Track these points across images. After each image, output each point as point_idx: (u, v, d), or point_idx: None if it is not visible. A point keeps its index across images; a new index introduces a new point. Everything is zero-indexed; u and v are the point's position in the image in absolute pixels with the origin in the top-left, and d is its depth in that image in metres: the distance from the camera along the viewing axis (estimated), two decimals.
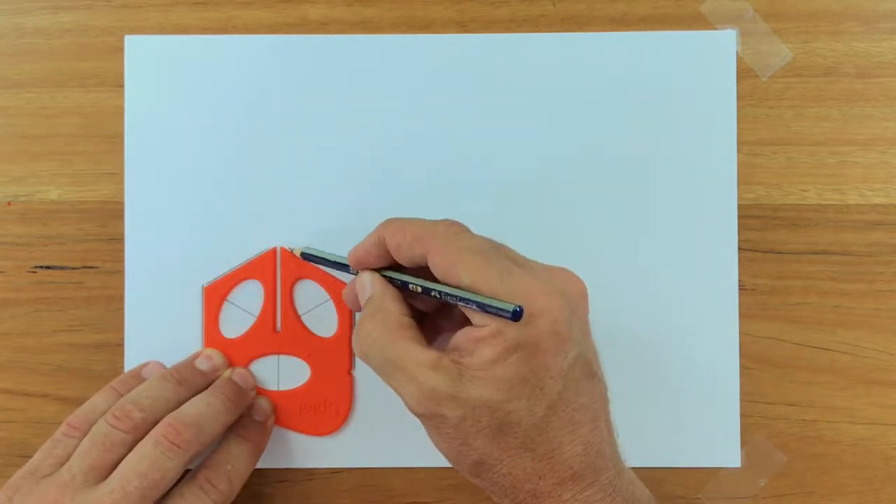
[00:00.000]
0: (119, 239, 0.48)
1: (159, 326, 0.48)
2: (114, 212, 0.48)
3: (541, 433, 0.38)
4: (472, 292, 0.38)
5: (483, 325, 0.38)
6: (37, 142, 0.48)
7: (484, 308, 0.37)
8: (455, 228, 0.40)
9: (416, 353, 0.39)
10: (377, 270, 0.43)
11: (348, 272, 0.44)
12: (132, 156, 0.48)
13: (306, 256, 0.46)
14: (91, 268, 0.48)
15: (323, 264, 0.46)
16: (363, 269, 0.43)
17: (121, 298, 0.48)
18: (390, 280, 0.42)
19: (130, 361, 0.48)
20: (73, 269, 0.48)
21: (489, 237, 0.41)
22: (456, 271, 0.39)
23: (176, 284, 0.48)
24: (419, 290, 0.41)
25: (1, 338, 0.48)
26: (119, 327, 0.48)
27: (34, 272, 0.48)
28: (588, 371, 0.39)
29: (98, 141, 0.48)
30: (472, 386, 0.38)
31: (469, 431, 0.38)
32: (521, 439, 0.38)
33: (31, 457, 0.42)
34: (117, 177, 0.48)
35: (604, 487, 0.39)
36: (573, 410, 0.38)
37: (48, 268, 0.48)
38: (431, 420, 0.39)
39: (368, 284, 0.42)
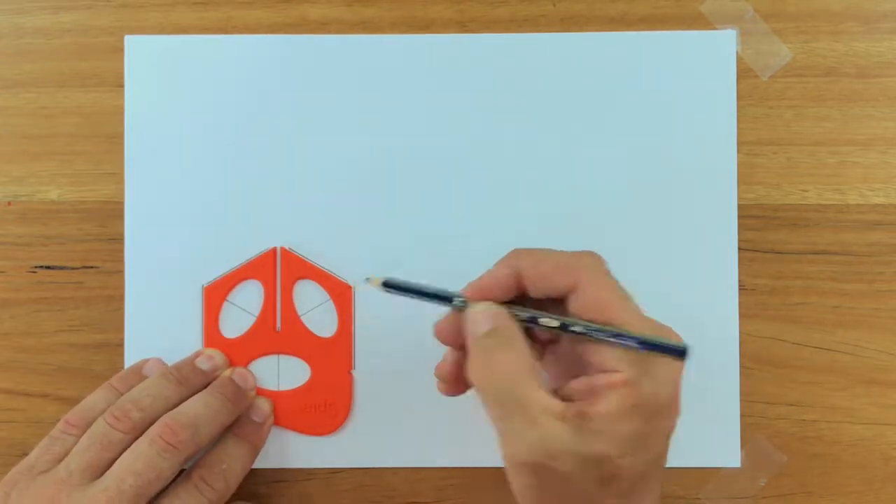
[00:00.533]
0: (119, 239, 0.48)
1: (159, 326, 0.48)
2: (114, 212, 0.48)
3: (633, 488, 0.37)
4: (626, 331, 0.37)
5: (613, 370, 0.37)
6: (37, 142, 0.48)
7: (649, 346, 0.36)
8: (601, 261, 0.39)
9: (544, 400, 0.36)
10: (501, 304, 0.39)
11: (441, 303, 0.40)
12: (132, 156, 0.48)
13: (389, 287, 0.41)
14: (91, 268, 0.48)
15: (409, 295, 0.40)
16: (479, 301, 0.39)
17: (121, 298, 0.48)
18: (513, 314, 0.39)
19: (130, 361, 0.48)
20: (73, 269, 0.48)
21: None
22: (612, 307, 0.37)
23: (176, 284, 0.48)
24: (553, 325, 0.38)
25: (1, 338, 0.48)
26: (119, 327, 0.48)
27: (34, 272, 0.48)
28: (669, 443, 0.39)
29: (98, 141, 0.48)
30: (592, 440, 0.36)
31: (573, 486, 0.37)
32: (620, 492, 0.37)
33: None
34: (117, 177, 0.48)
35: None
36: (660, 469, 0.38)
37: (48, 268, 0.48)
38: (536, 470, 0.37)
39: (491, 317, 0.38)
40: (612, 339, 0.37)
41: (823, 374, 0.48)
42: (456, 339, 0.40)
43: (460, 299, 0.39)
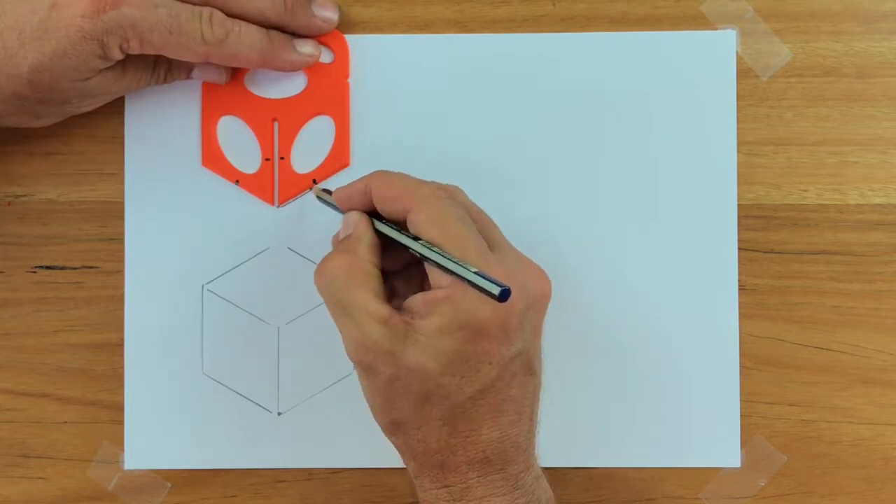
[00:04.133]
0: (119, 239, 0.48)
1: (159, 326, 0.48)
2: (114, 212, 0.48)
3: (464, 412, 0.39)
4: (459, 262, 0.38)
5: (441, 286, 0.39)
6: (37, 142, 0.48)
7: (470, 282, 0.37)
8: (441, 193, 0.40)
9: (369, 303, 0.39)
10: (370, 215, 0.42)
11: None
12: (132, 156, 0.48)
13: (320, 198, 0.46)
14: (91, 268, 0.48)
15: (329, 205, 0.45)
16: (351, 210, 0.43)
17: (121, 298, 0.48)
18: (377, 230, 0.42)
19: (130, 361, 0.48)
20: (73, 269, 0.48)
21: (474, 205, 0.42)
22: (437, 237, 0.39)
23: (176, 284, 0.48)
24: (402, 241, 0.40)
25: (1, 338, 0.48)
26: (119, 327, 0.48)
27: (34, 272, 0.48)
28: (527, 367, 0.40)
29: (98, 141, 0.48)
30: (412, 349, 0.38)
31: (397, 391, 0.39)
32: (444, 413, 0.39)
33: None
34: (117, 177, 0.48)
35: (509, 477, 0.40)
36: (501, 400, 0.39)
37: (48, 268, 0.48)
38: (364, 370, 0.40)
39: (353, 224, 0.42)
40: (443, 266, 0.38)
41: (823, 374, 0.48)
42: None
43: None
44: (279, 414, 0.48)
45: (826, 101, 0.48)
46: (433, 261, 0.38)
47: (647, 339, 0.47)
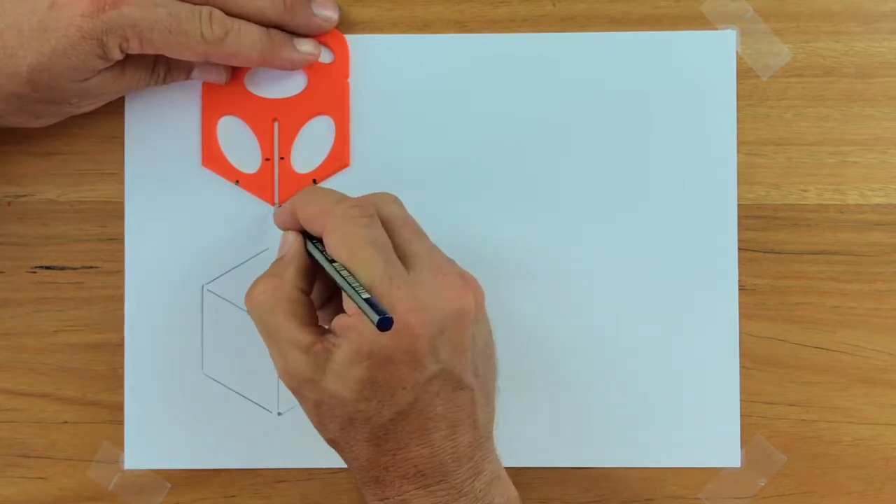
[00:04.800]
0: (119, 239, 0.48)
1: (159, 326, 0.48)
2: (114, 212, 0.48)
3: (387, 433, 0.39)
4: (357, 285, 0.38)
5: (349, 312, 0.39)
6: (37, 142, 0.48)
7: (358, 305, 0.37)
8: (355, 212, 0.40)
9: (292, 331, 0.39)
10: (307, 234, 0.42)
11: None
12: (132, 156, 0.48)
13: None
14: (91, 268, 0.48)
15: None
16: (289, 230, 0.43)
17: (121, 298, 0.48)
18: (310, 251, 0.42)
19: (130, 361, 0.48)
20: (73, 269, 0.48)
21: (404, 217, 0.41)
22: (345, 260, 0.39)
23: (176, 284, 0.48)
24: (324, 267, 0.40)
25: (1, 338, 0.48)
26: (119, 327, 0.48)
27: (34, 272, 0.48)
28: (452, 384, 0.40)
29: (98, 141, 0.48)
30: (330, 377, 0.39)
31: (324, 415, 0.40)
32: (368, 435, 0.39)
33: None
34: (117, 177, 0.48)
35: (451, 487, 0.40)
36: (426, 419, 0.39)
37: (48, 268, 0.48)
38: (294, 395, 0.41)
39: (286, 246, 0.43)
40: (343, 289, 0.38)
41: (823, 374, 0.48)
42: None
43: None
44: (279, 414, 0.48)
45: (826, 101, 0.48)
46: (339, 285, 0.39)
47: (647, 338, 0.47)
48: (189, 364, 0.48)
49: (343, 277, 0.38)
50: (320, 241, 0.42)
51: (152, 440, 0.48)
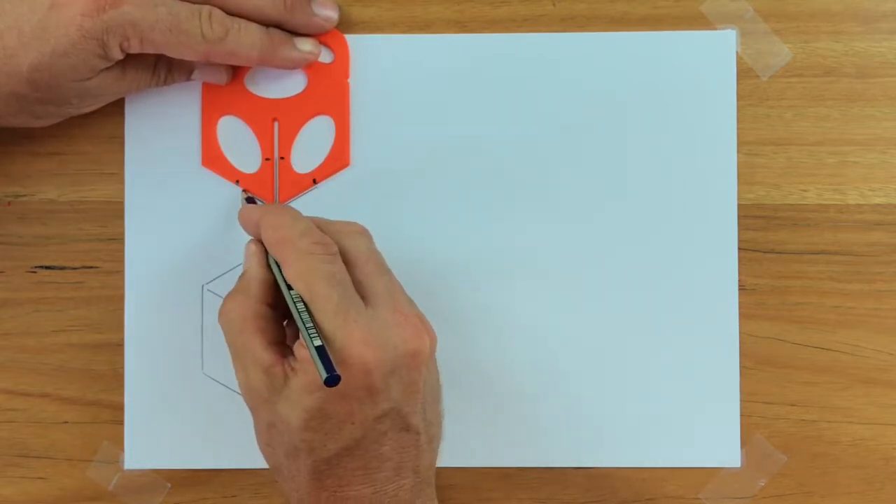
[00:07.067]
0: (119, 239, 0.48)
1: (159, 326, 0.48)
2: (114, 212, 0.48)
3: (330, 468, 0.39)
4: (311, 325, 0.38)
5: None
6: (37, 142, 0.48)
7: (310, 352, 0.37)
8: (317, 249, 0.40)
9: (256, 350, 0.39)
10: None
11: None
12: (132, 156, 0.48)
13: (250, 199, 0.47)
14: (91, 268, 0.48)
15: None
16: (254, 240, 0.43)
17: (121, 298, 0.48)
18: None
19: (130, 361, 0.48)
20: (73, 269, 0.48)
21: (369, 251, 0.41)
22: (302, 292, 0.39)
23: (176, 284, 0.48)
24: (283, 293, 0.40)
25: (1, 338, 0.48)
26: (119, 327, 0.48)
27: (34, 272, 0.48)
28: (400, 424, 0.40)
29: (98, 141, 0.48)
30: (284, 402, 0.39)
31: (273, 437, 0.40)
32: (311, 467, 0.39)
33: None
34: (117, 177, 0.48)
35: None
36: (371, 457, 0.39)
37: (48, 268, 0.48)
38: (251, 411, 0.41)
39: (248, 259, 0.42)
40: (298, 323, 0.38)
41: (823, 374, 0.48)
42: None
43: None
44: None
45: (826, 101, 0.48)
46: (294, 318, 0.39)
47: (647, 338, 0.47)
48: (189, 364, 0.48)
49: (298, 312, 0.38)
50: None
51: (152, 440, 0.48)
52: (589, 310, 0.47)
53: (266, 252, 0.42)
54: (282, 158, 0.48)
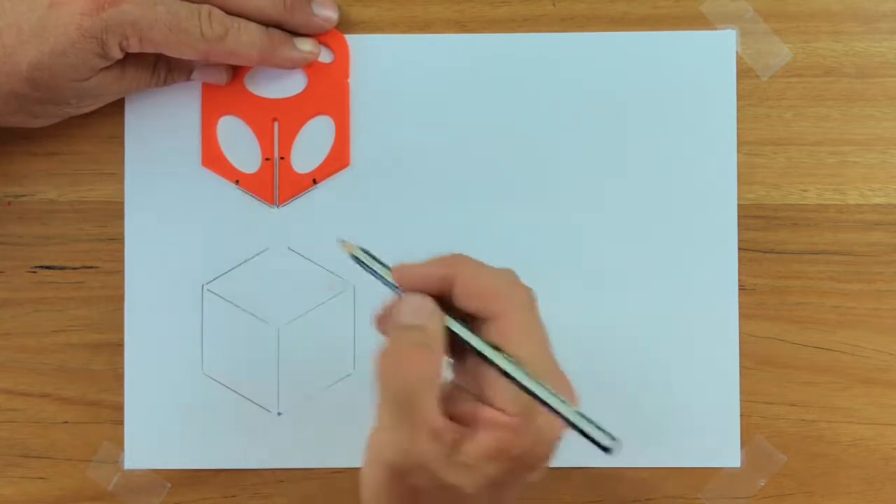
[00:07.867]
0: (119, 239, 0.48)
1: (159, 326, 0.48)
2: (114, 212, 0.48)
3: None
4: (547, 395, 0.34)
5: (507, 409, 0.35)
6: (36, 142, 0.48)
7: (575, 426, 0.34)
8: (532, 301, 0.37)
9: (431, 413, 0.35)
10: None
11: (390, 288, 0.38)
12: (132, 156, 0.48)
13: (356, 259, 0.39)
14: (91, 268, 0.48)
15: (370, 272, 0.39)
16: (413, 292, 0.37)
17: (121, 298, 0.48)
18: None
19: (130, 361, 0.48)
20: (73, 269, 0.48)
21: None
22: (526, 356, 0.35)
23: (176, 284, 0.48)
24: (485, 352, 0.35)
25: (1, 338, 0.48)
26: (119, 327, 0.48)
27: (34, 272, 0.48)
28: None
29: (98, 141, 0.48)
30: (454, 470, 0.35)
31: (417, 499, 0.36)
32: None
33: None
34: (117, 177, 0.48)
35: None
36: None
37: (48, 268, 0.48)
38: (392, 472, 0.36)
39: (425, 314, 0.37)
40: (524, 387, 0.34)
41: (823, 374, 0.48)
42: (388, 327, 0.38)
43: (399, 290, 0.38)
44: (279, 414, 0.48)
45: (826, 101, 0.48)
46: (521, 384, 0.34)
47: (647, 338, 0.47)
48: (189, 364, 0.48)
49: (528, 377, 0.34)
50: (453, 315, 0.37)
51: (152, 440, 0.48)
52: (588, 309, 0.47)
53: (441, 310, 0.37)
54: (282, 158, 0.48)
